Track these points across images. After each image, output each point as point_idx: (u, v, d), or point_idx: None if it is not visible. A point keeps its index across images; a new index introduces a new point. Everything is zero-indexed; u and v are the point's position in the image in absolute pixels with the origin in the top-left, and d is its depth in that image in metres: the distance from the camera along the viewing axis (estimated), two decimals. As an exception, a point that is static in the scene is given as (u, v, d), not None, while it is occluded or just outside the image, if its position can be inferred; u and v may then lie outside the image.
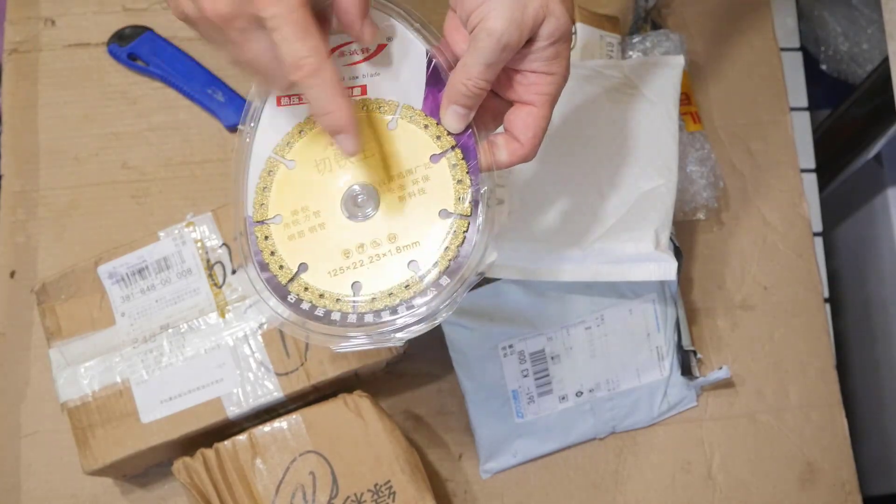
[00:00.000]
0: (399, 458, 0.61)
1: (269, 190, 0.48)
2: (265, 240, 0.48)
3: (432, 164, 0.47)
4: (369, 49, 0.49)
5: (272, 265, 0.47)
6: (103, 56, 0.78)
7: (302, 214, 0.48)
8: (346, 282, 0.47)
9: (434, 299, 0.46)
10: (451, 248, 0.47)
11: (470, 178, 0.47)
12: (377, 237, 0.47)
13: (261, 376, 0.63)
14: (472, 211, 0.47)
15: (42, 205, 0.75)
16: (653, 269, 0.62)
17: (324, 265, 0.47)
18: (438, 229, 0.47)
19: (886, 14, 0.65)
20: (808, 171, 0.80)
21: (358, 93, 0.48)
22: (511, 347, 0.67)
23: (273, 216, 0.48)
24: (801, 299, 0.75)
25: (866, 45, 0.99)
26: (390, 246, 0.47)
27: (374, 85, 0.49)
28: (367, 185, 0.47)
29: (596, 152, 0.66)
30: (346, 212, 0.47)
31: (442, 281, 0.47)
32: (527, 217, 0.64)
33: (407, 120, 0.48)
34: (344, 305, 0.47)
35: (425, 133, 0.48)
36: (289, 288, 0.47)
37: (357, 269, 0.47)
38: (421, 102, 0.48)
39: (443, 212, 0.47)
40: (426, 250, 0.47)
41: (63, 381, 0.63)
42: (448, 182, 0.47)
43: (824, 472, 0.72)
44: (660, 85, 0.68)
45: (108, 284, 0.64)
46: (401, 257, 0.47)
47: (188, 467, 0.61)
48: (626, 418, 0.70)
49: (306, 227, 0.47)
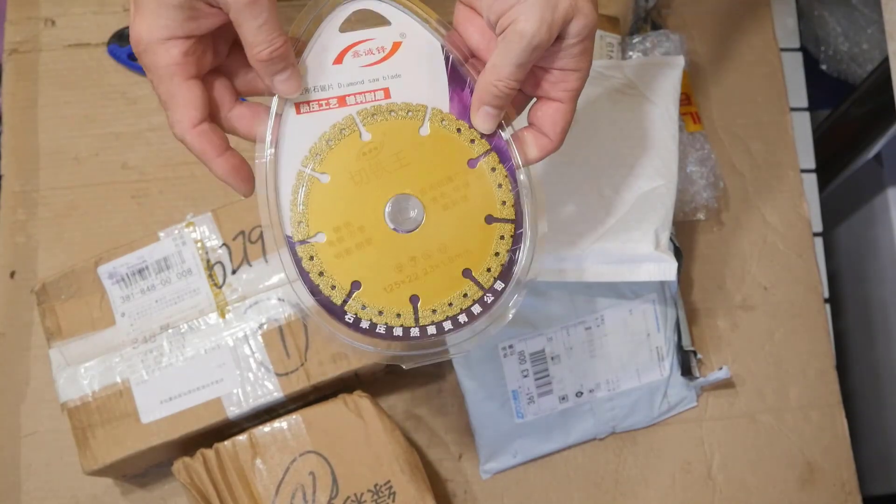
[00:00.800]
0: (399, 458, 0.61)
1: (305, 207, 0.46)
2: (310, 260, 0.46)
3: (470, 168, 0.47)
4: (384, 48, 0.47)
5: (323, 286, 0.46)
6: (103, 56, 0.78)
7: (346, 231, 0.46)
8: (404, 296, 0.46)
9: (492, 305, 0.46)
10: (501, 254, 0.46)
11: (510, 181, 0.47)
12: (428, 248, 0.46)
13: (261, 376, 0.63)
14: (515, 214, 0.47)
15: (42, 205, 0.75)
16: (653, 270, 0.62)
17: (378, 281, 0.46)
18: (486, 235, 0.46)
19: (886, 14, 0.65)
20: (808, 171, 0.80)
21: (381, 96, 0.47)
22: (511, 347, 0.67)
23: (315, 234, 0.46)
24: (801, 299, 0.75)
25: (866, 45, 0.99)
26: (442, 256, 0.46)
27: (397, 87, 0.47)
28: (409, 195, 0.46)
29: (596, 153, 0.66)
30: (391, 224, 0.46)
31: (497, 286, 0.46)
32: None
33: (438, 124, 0.47)
34: (405, 320, 0.46)
35: (459, 137, 0.47)
36: (345, 308, 0.46)
37: (413, 283, 0.46)
38: (448, 104, 0.47)
39: (488, 217, 0.46)
40: (478, 257, 0.46)
41: (63, 381, 0.63)
42: (489, 186, 0.46)
43: (824, 472, 0.72)
44: (660, 85, 0.68)
45: (108, 284, 0.64)
46: (454, 266, 0.46)
47: (188, 467, 0.61)
48: (626, 418, 0.70)
49: (353, 244, 0.46)
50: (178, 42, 0.42)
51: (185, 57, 0.43)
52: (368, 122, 0.47)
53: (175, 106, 0.43)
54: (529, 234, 0.46)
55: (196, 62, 0.43)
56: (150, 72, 0.43)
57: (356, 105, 0.47)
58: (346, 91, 0.47)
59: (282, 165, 0.46)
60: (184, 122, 0.43)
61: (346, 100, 0.47)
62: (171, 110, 0.43)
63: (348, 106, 0.47)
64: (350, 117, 0.46)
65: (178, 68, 0.43)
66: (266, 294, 0.64)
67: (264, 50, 0.42)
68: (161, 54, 0.42)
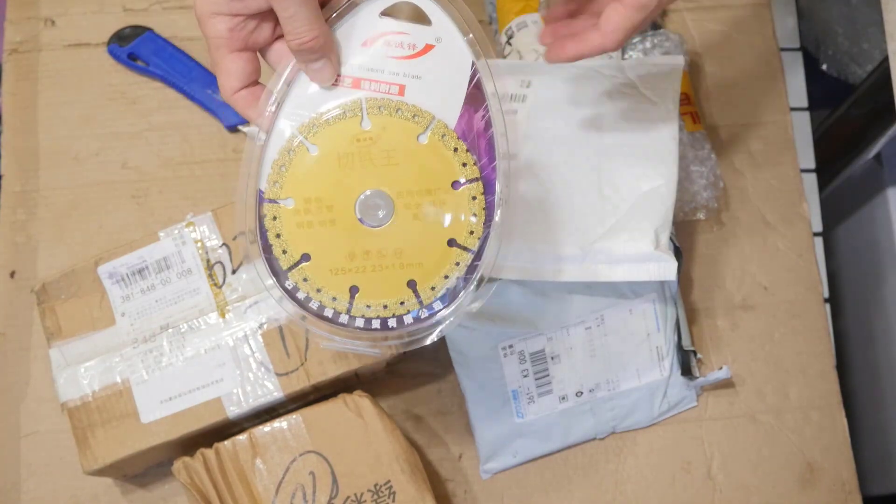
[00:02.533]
0: (399, 458, 0.61)
1: (286, 169, 0.47)
2: (273, 220, 0.47)
3: (453, 190, 0.47)
4: (415, 46, 0.47)
5: (275, 248, 0.47)
6: (103, 56, 0.78)
7: (315, 204, 0.47)
8: (346, 283, 0.47)
9: (425, 322, 0.47)
10: (451, 278, 0.47)
11: (485, 214, 0.47)
12: (384, 248, 0.47)
13: (261, 376, 0.63)
14: (478, 247, 0.47)
15: (42, 205, 0.75)
16: (653, 269, 0.62)
17: (327, 261, 0.47)
18: (443, 257, 0.47)
19: (886, 14, 0.65)
20: (808, 171, 0.80)
21: (395, 91, 0.47)
22: (511, 347, 0.67)
23: (285, 197, 0.47)
24: (801, 299, 0.75)
25: (866, 45, 0.99)
26: (394, 260, 0.47)
27: (413, 89, 0.47)
28: (385, 193, 0.47)
29: (596, 153, 0.66)
30: (359, 214, 0.47)
31: (435, 306, 0.47)
32: (527, 217, 0.64)
33: (438, 137, 0.47)
34: (339, 305, 0.47)
35: (453, 156, 0.47)
36: (288, 274, 0.47)
37: (358, 274, 0.47)
38: (455, 121, 0.47)
39: (451, 241, 0.47)
40: (427, 273, 0.47)
41: (63, 381, 0.63)
42: (464, 213, 0.47)
43: (824, 472, 0.72)
44: (660, 85, 0.68)
45: (108, 284, 0.64)
46: (402, 273, 0.47)
47: (188, 467, 0.61)
48: (626, 418, 0.70)
49: (316, 220, 0.47)
50: (224, 18, 0.45)
51: (230, 32, 0.45)
52: (373, 112, 0.47)
53: (219, 73, 0.47)
54: (483, 270, 0.47)
55: (244, 37, 0.46)
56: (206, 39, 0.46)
57: (368, 92, 0.47)
58: (363, 75, 0.47)
59: (278, 123, 0.47)
60: (226, 88, 0.47)
61: (360, 83, 0.47)
62: (217, 76, 0.47)
63: (361, 90, 0.47)
64: (357, 101, 0.47)
65: (224, 41, 0.46)
66: (266, 294, 0.64)
67: (294, 40, 0.44)
68: (209, 27, 0.46)
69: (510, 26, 0.75)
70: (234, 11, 0.45)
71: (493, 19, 0.79)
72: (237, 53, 0.46)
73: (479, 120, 0.47)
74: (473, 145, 0.47)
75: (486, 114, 0.47)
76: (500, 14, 0.77)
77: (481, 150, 0.47)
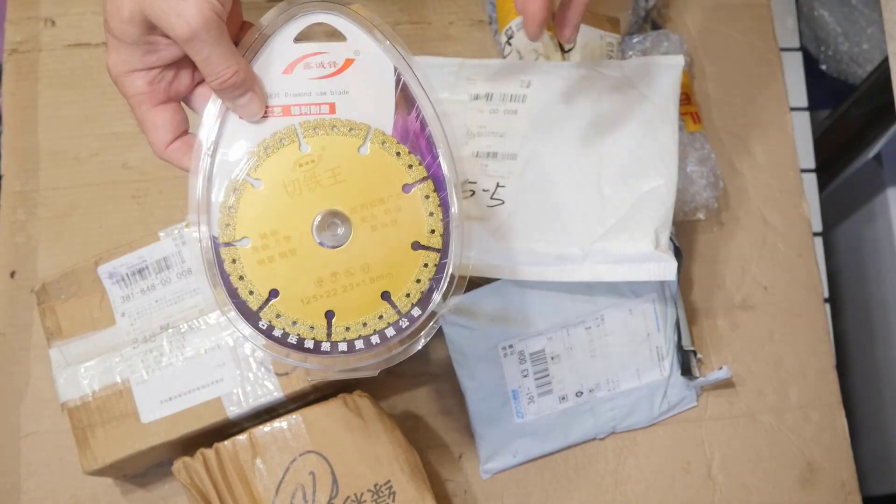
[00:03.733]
0: (399, 458, 0.61)
1: (234, 210, 0.46)
2: (232, 263, 0.46)
3: (404, 193, 0.47)
4: (336, 63, 0.47)
5: (241, 290, 0.46)
6: (103, 56, 0.78)
7: (272, 238, 0.46)
8: (320, 310, 0.46)
9: (407, 330, 0.46)
10: (423, 281, 0.47)
11: (441, 211, 0.47)
12: (350, 266, 0.46)
13: (261, 376, 0.63)
14: (443, 244, 0.47)
15: (42, 205, 0.75)
16: (653, 270, 0.62)
17: (296, 292, 0.46)
18: (410, 262, 0.47)
19: (886, 14, 0.65)
20: (808, 171, 0.80)
21: (326, 111, 0.47)
22: (511, 347, 0.67)
23: (240, 238, 0.46)
24: (801, 299, 0.75)
25: (866, 45, 0.99)
26: (364, 276, 0.46)
27: (343, 104, 0.47)
28: (339, 211, 0.46)
29: (596, 153, 0.66)
30: (318, 238, 0.46)
31: (414, 312, 0.47)
32: (526, 218, 0.64)
33: (379, 145, 0.47)
34: (318, 334, 0.46)
35: (397, 161, 0.47)
36: (260, 314, 0.46)
37: (330, 298, 0.46)
38: (391, 127, 0.47)
39: (415, 244, 0.47)
40: (399, 282, 0.47)
41: (63, 381, 0.63)
42: (420, 214, 0.47)
43: (824, 472, 0.72)
44: (660, 85, 0.68)
45: (108, 284, 0.64)
46: (374, 287, 0.46)
47: (188, 467, 0.61)
48: (626, 418, 0.70)
49: (277, 253, 0.46)
50: (140, 74, 0.45)
51: (150, 86, 0.45)
52: (309, 134, 0.47)
53: (147, 130, 0.46)
54: (453, 265, 0.47)
55: (164, 89, 0.46)
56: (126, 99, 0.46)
57: (300, 116, 0.47)
58: (291, 101, 0.47)
59: (217, 166, 0.46)
60: (157, 144, 0.47)
61: (290, 109, 0.47)
62: (146, 134, 0.46)
63: (292, 116, 0.47)
64: (292, 128, 0.47)
65: (145, 97, 0.45)
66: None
67: (215, 80, 0.44)
68: (127, 86, 0.45)
69: (510, 26, 0.75)
70: (149, 65, 0.45)
71: (493, 19, 0.79)
72: (161, 107, 0.46)
73: (413, 120, 0.47)
74: (415, 146, 0.47)
75: (420, 114, 0.47)
76: (500, 14, 0.77)
77: (423, 150, 0.47)
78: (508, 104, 0.68)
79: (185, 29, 0.41)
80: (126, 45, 0.44)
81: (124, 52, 0.44)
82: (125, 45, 0.44)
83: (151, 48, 0.44)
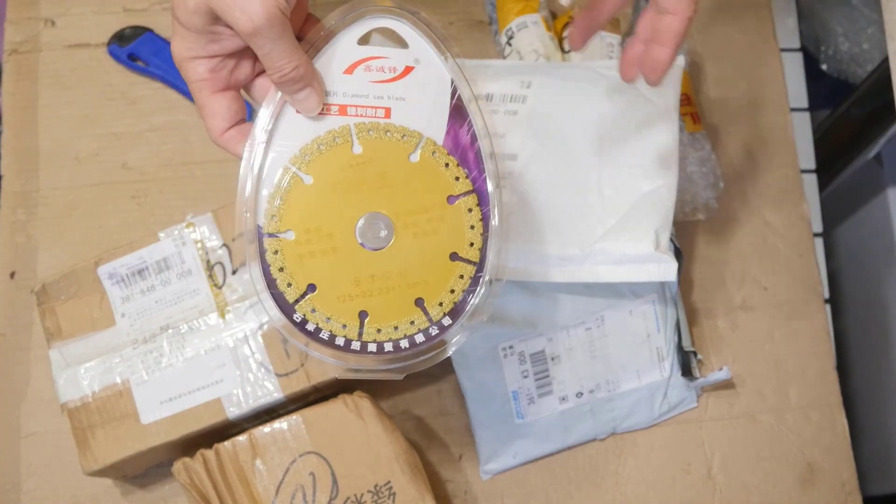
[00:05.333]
0: (399, 459, 0.61)
1: (282, 202, 0.47)
2: (274, 254, 0.47)
3: (448, 204, 0.47)
4: (396, 69, 0.48)
5: (280, 282, 0.46)
6: (103, 56, 0.78)
7: (315, 234, 0.47)
8: (354, 309, 0.47)
9: (435, 338, 0.47)
10: (457, 292, 0.47)
11: (482, 225, 0.47)
12: (388, 270, 0.47)
13: (261, 377, 0.63)
14: (480, 258, 0.47)
15: (42, 205, 0.75)
16: (653, 270, 0.62)
17: (333, 289, 0.47)
18: (447, 271, 0.47)
19: (886, 14, 0.65)
20: (808, 172, 0.80)
21: (381, 115, 0.47)
22: (511, 348, 0.67)
23: (285, 230, 0.47)
24: (801, 299, 0.75)
25: (866, 45, 0.99)
26: (400, 281, 0.47)
27: (399, 110, 0.48)
28: (384, 215, 0.47)
29: (596, 153, 0.66)
30: (360, 239, 0.47)
31: (444, 321, 0.47)
32: (527, 218, 0.64)
33: (429, 154, 0.48)
34: (349, 332, 0.47)
35: (445, 172, 0.48)
36: (295, 307, 0.46)
37: (366, 299, 0.47)
38: (443, 137, 0.48)
39: (453, 255, 0.47)
40: (433, 290, 0.47)
41: (63, 382, 0.63)
42: (462, 226, 0.47)
43: (824, 472, 0.72)
44: (660, 85, 0.68)
45: (108, 285, 0.64)
46: (409, 293, 0.47)
47: (188, 468, 0.61)
48: (627, 419, 0.70)
49: (318, 249, 0.47)
50: (203, 61, 0.46)
51: (211, 73, 0.46)
52: (363, 136, 0.47)
53: (205, 115, 0.47)
54: (488, 280, 0.48)
55: (225, 77, 0.47)
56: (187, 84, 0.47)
57: (355, 117, 0.47)
58: (349, 101, 0.47)
59: (270, 157, 0.47)
60: (213, 129, 0.47)
61: (347, 110, 0.47)
62: (203, 118, 0.47)
63: (348, 116, 0.47)
64: (346, 127, 0.47)
65: (206, 83, 0.46)
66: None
67: (275, 74, 0.45)
68: (190, 71, 0.46)
69: (510, 27, 0.75)
70: (212, 53, 0.45)
71: (493, 19, 0.79)
72: (220, 94, 0.47)
73: (464, 134, 0.48)
74: (463, 159, 0.48)
75: (471, 128, 0.48)
76: (500, 14, 0.77)
77: (471, 164, 0.48)
78: (508, 104, 0.68)
79: (248, 24, 0.42)
80: (190, 32, 0.45)
81: (189, 39, 0.45)
82: (190, 33, 0.45)
83: (215, 38, 0.45)
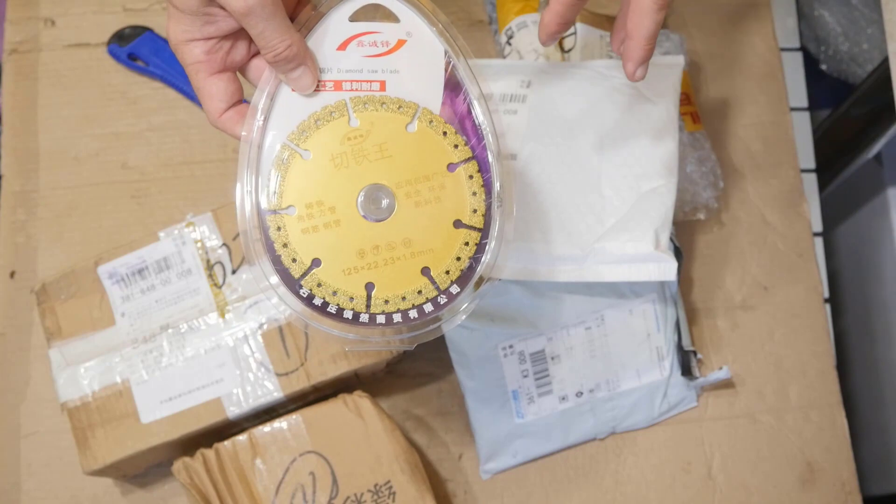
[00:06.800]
0: (399, 459, 0.61)
1: (283, 179, 0.47)
2: (277, 230, 0.47)
3: (449, 172, 0.48)
4: (388, 43, 0.48)
5: (284, 258, 0.47)
6: (103, 56, 0.78)
7: (317, 209, 0.47)
8: (360, 282, 0.47)
9: (444, 307, 0.47)
10: (462, 259, 0.48)
11: (484, 192, 0.48)
12: (392, 240, 0.47)
13: (261, 376, 0.63)
14: (484, 224, 0.48)
15: (42, 205, 0.75)
16: (653, 270, 0.62)
17: (338, 263, 0.47)
18: (451, 239, 0.47)
19: (886, 14, 0.65)
20: (808, 171, 0.80)
21: (377, 88, 0.48)
22: (511, 348, 0.67)
23: (287, 207, 0.47)
24: (801, 299, 0.75)
25: (866, 45, 0.99)
26: (405, 251, 0.47)
27: (394, 83, 0.48)
28: (384, 186, 0.47)
29: (596, 153, 0.66)
30: (362, 211, 0.47)
31: (452, 289, 0.47)
32: (527, 218, 0.64)
33: (426, 124, 0.48)
34: (357, 305, 0.47)
35: (444, 140, 0.48)
36: (301, 282, 0.47)
37: (371, 270, 0.47)
38: (439, 107, 0.48)
39: (457, 222, 0.48)
40: (439, 258, 0.47)
41: (63, 382, 0.63)
42: (463, 193, 0.48)
43: (824, 472, 0.72)
44: (660, 85, 0.68)
45: (108, 284, 0.64)
46: (415, 262, 0.47)
47: (188, 467, 0.61)
48: (627, 418, 0.70)
49: (321, 223, 0.47)
50: (198, 43, 0.46)
51: (207, 55, 0.47)
52: (359, 109, 0.48)
53: (202, 98, 0.48)
54: (494, 245, 0.48)
55: (221, 59, 0.47)
56: (184, 67, 0.47)
57: (351, 92, 0.48)
58: (344, 77, 0.48)
59: (268, 135, 0.47)
60: (211, 111, 0.48)
61: (342, 85, 0.48)
62: (202, 101, 0.48)
63: (343, 91, 0.48)
64: (342, 102, 0.48)
65: (202, 66, 0.47)
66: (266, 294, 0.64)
67: (269, 53, 0.45)
68: (186, 54, 0.47)
69: (510, 26, 0.75)
70: (207, 35, 0.46)
71: (493, 19, 0.79)
72: (217, 75, 0.47)
73: (460, 103, 0.48)
74: (460, 128, 0.48)
75: (467, 97, 0.48)
76: (500, 14, 0.77)
77: (468, 132, 0.48)
78: (508, 104, 0.68)
79: (241, 4, 0.43)
80: (186, 15, 0.45)
81: (184, 21, 0.46)
82: (185, 16, 0.45)
83: (210, 19, 0.45)
